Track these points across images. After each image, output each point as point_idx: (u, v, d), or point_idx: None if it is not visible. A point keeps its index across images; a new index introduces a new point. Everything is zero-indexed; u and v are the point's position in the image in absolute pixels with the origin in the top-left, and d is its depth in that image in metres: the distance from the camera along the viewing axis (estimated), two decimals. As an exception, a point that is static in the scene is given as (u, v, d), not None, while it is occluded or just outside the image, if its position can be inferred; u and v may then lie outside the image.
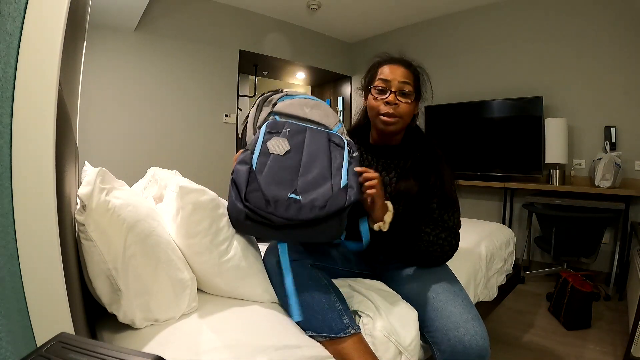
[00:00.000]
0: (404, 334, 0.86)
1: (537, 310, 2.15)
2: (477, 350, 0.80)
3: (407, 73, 1.00)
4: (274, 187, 0.81)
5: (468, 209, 3.36)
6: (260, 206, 0.80)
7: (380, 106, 0.99)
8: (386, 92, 0.99)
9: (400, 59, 1.04)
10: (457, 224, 1.01)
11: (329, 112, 0.97)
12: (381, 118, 0.99)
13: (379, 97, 1.00)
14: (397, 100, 0.98)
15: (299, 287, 0.84)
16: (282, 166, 0.85)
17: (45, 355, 0.32)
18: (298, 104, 0.96)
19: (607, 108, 2.67)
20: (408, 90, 0.99)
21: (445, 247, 0.97)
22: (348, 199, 0.82)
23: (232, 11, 3.45)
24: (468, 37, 3.44)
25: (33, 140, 0.49)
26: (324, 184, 0.84)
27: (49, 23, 0.50)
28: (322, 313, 0.81)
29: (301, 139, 0.89)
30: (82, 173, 0.97)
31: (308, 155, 0.87)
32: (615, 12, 2.61)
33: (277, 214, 0.79)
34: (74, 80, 1.02)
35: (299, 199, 0.81)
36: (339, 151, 0.89)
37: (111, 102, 2.85)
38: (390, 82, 0.98)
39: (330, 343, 0.79)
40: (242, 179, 0.81)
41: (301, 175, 0.85)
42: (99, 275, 0.70)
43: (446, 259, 1.01)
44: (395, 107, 0.98)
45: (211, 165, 3.27)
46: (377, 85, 1.00)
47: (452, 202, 1.01)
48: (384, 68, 1.01)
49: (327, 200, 0.82)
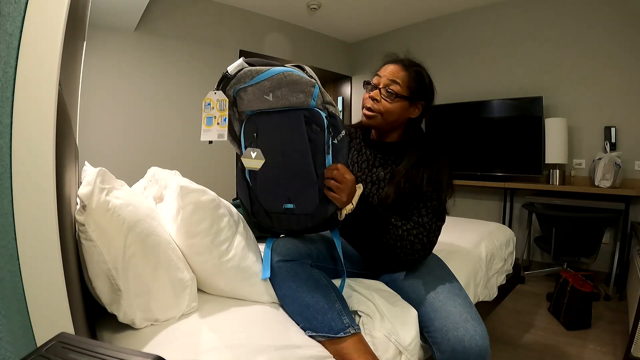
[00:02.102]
0: (404, 334, 0.86)
1: (537, 310, 2.15)
2: (477, 350, 0.80)
3: (399, 73, 0.99)
4: (270, 200, 0.90)
5: (468, 209, 3.36)
6: (265, 222, 0.94)
7: (365, 100, 1.02)
8: (374, 87, 1.01)
9: (402, 59, 1.03)
10: (433, 221, 0.95)
11: (297, 84, 0.82)
12: (363, 111, 1.03)
13: (366, 92, 1.03)
14: (380, 96, 0.99)
15: (299, 287, 0.84)
16: (268, 178, 0.88)
17: (45, 355, 0.32)
18: (257, 94, 0.83)
19: (607, 108, 2.67)
20: (393, 89, 0.98)
21: (416, 245, 0.92)
22: (330, 209, 0.86)
23: (232, 11, 3.45)
24: (468, 37, 3.44)
25: (33, 140, 0.49)
26: (311, 187, 0.86)
27: (49, 23, 0.51)
28: (322, 313, 0.81)
29: (276, 136, 0.83)
30: (82, 173, 0.97)
31: (289, 156, 0.85)
32: (615, 12, 2.61)
33: (276, 228, 0.94)
34: (74, 80, 1.02)
35: (292, 207, 0.89)
36: (320, 140, 0.83)
37: (111, 102, 2.84)
38: (380, 78, 1.00)
39: (330, 343, 0.79)
40: (245, 198, 0.94)
41: (290, 180, 0.87)
42: (99, 275, 0.70)
43: (418, 257, 0.94)
44: (376, 103, 0.99)
45: (211, 165, 3.26)
46: (370, 80, 1.03)
47: (438, 202, 0.96)
48: (384, 66, 1.03)
49: (315, 208, 0.87)
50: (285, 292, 0.86)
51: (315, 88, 0.84)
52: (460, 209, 3.41)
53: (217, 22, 3.36)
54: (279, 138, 0.85)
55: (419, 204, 0.97)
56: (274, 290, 0.89)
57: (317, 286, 0.85)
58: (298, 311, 0.83)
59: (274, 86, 0.83)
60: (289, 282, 0.85)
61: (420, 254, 0.95)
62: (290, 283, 0.85)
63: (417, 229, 0.94)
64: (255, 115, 0.87)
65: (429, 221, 0.95)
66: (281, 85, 0.82)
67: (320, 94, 0.85)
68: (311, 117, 0.83)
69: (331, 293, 0.85)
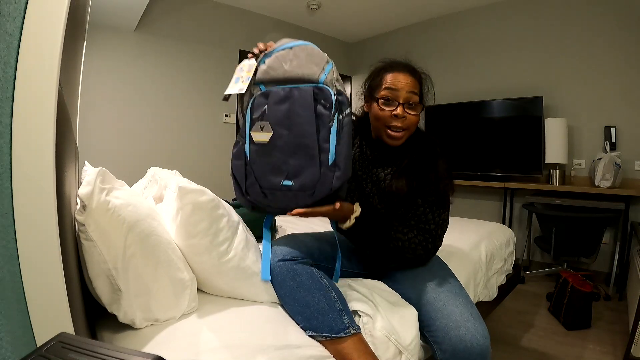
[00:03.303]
0: (404, 334, 0.86)
1: (537, 310, 2.15)
2: (479, 349, 0.81)
3: (414, 82, 0.96)
4: (269, 176, 0.84)
5: (468, 209, 3.36)
6: (259, 199, 0.87)
7: (387, 118, 0.95)
8: (393, 103, 0.95)
9: (406, 65, 0.99)
10: (440, 225, 0.96)
11: (313, 56, 0.84)
12: (389, 132, 0.96)
13: (385, 108, 0.95)
14: (405, 112, 0.94)
15: (299, 286, 0.84)
16: (272, 151, 0.83)
17: (45, 355, 0.32)
18: (278, 61, 0.85)
19: (607, 108, 2.67)
20: (415, 101, 0.95)
21: (418, 251, 0.93)
22: (334, 184, 0.81)
23: (232, 11, 3.45)
24: (468, 37, 3.44)
25: (33, 140, 0.49)
26: (312, 163, 0.82)
27: (49, 23, 0.50)
28: (322, 313, 0.81)
29: (285, 110, 0.82)
30: (82, 173, 0.97)
31: (294, 129, 0.82)
32: (615, 13, 2.61)
33: (272, 206, 0.87)
34: (74, 80, 1.02)
35: (291, 184, 0.83)
36: (327, 114, 0.82)
37: (111, 102, 2.84)
38: (398, 92, 0.94)
39: (331, 343, 0.79)
40: (240, 174, 0.86)
41: (291, 156, 0.83)
42: (99, 275, 0.70)
43: (419, 262, 0.98)
44: (403, 120, 0.94)
45: (211, 165, 3.27)
46: (383, 95, 0.95)
47: (442, 202, 0.97)
48: (390, 76, 0.96)
49: (315, 184, 0.82)
50: (286, 292, 0.86)
51: (329, 64, 0.84)
52: (460, 209, 3.41)
53: (217, 22, 3.36)
54: (287, 112, 0.83)
55: (425, 208, 0.96)
56: (274, 290, 0.89)
57: (317, 286, 0.85)
58: (298, 311, 0.83)
59: (292, 57, 0.84)
60: (290, 281, 0.85)
61: (423, 258, 0.96)
62: (291, 282, 0.85)
63: (423, 236, 0.94)
64: (269, 82, 0.86)
65: (435, 228, 0.95)
66: (299, 54, 0.84)
67: (332, 71, 0.84)
68: (320, 93, 0.82)
69: (332, 293, 0.84)
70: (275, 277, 0.87)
